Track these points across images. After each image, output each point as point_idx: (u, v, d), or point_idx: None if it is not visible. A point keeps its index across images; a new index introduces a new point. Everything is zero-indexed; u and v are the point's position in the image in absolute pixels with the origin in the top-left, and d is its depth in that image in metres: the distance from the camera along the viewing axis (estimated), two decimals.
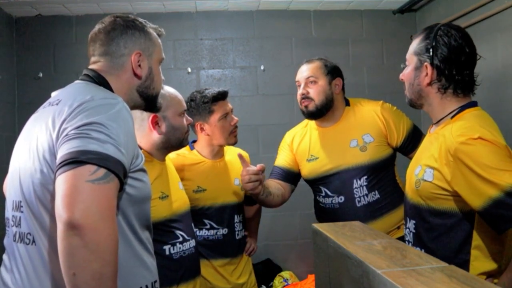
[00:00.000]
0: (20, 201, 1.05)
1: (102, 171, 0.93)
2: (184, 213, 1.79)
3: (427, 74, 1.41)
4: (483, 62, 1.52)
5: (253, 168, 1.80)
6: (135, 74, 1.22)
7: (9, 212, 1.10)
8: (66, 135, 0.97)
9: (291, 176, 2.18)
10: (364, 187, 1.97)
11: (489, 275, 1.32)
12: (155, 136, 1.72)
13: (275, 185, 2.10)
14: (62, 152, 0.95)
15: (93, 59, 1.23)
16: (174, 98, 1.76)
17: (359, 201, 1.98)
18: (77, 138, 0.95)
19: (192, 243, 1.79)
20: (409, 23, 3.55)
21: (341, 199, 2.00)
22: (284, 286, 3.19)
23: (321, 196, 2.07)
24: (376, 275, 1.03)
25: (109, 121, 0.99)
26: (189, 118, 1.82)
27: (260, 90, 3.46)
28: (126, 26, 1.22)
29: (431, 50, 1.39)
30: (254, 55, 3.46)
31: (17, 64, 3.23)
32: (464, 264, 1.32)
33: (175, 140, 1.75)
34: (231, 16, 3.44)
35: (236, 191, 2.13)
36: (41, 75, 3.23)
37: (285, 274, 3.29)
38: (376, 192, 1.98)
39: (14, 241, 1.06)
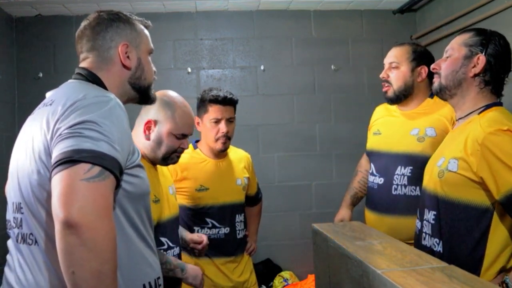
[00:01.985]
0: (20, 203, 1.06)
1: (96, 169, 0.93)
2: (172, 219, 1.74)
3: (475, 66, 1.46)
4: None
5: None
6: (124, 66, 1.21)
7: (10, 214, 1.10)
8: (60, 134, 0.97)
9: None
10: (406, 177, 1.95)
11: (502, 270, 1.34)
12: (144, 140, 1.66)
13: (358, 183, 2.28)
14: (56, 152, 0.95)
15: (82, 56, 1.23)
16: (181, 117, 1.66)
17: (395, 189, 1.96)
18: (70, 137, 0.95)
19: (176, 250, 1.74)
20: (409, 23, 3.55)
21: (380, 180, 2.02)
22: (284, 286, 3.19)
23: (369, 173, 2.14)
24: (376, 275, 1.03)
25: (101, 118, 0.99)
26: (186, 144, 1.72)
27: (260, 90, 3.46)
28: (110, 20, 1.22)
29: (486, 44, 1.45)
30: (254, 55, 3.46)
31: (17, 64, 3.23)
32: (479, 260, 1.35)
33: (158, 153, 1.66)
34: (231, 16, 3.44)
35: (238, 191, 2.14)
36: (41, 75, 3.23)
37: (285, 274, 3.29)
38: (418, 188, 1.91)
39: (17, 242, 1.07)
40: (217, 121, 2.04)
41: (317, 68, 3.46)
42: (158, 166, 1.76)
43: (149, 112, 1.64)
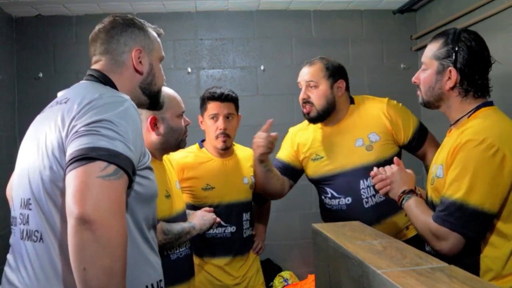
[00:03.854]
0: (29, 199, 1.06)
1: (112, 168, 0.94)
2: (181, 213, 1.79)
3: (449, 78, 1.43)
4: None
5: (272, 134, 1.95)
6: (137, 71, 1.24)
7: (16, 211, 1.10)
8: (76, 132, 0.99)
9: (290, 171, 2.16)
10: (371, 188, 1.92)
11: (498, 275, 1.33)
12: (154, 137, 1.72)
13: (276, 171, 2.10)
14: (72, 149, 0.96)
15: (94, 58, 1.25)
16: (173, 99, 1.75)
17: (366, 202, 1.94)
18: (87, 135, 0.97)
19: (188, 243, 1.79)
20: (409, 23, 3.55)
21: (348, 200, 1.97)
22: (284, 286, 3.19)
23: (327, 198, 2.04)
24: (376, 275, 1.03)
25: (118, 118, 1.01)
26: (187, 119, 1.82)
27: (260, 90, 3.46)
28: (125, 24, 1.24)
29: (454, 54, 1.41)
30: (254, 55, 3.46)
31: (17, 64, 3.23)
32: (475, 264, 1.34)
33: (173, 141, 1.76)
34: (231, 16, 3.44)
35: (244, 190, 2.14)
36: (41, 75, 3.23)
37: (285, 274, 3.29)
38: None
39: (21, 239, 1.07)
40: (215, 118, 2.06)
41: None
42: (164, 162, 1.79)
43: (143, 113, 1.68)
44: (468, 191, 1.29)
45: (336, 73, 2.04)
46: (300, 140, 2.14)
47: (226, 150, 2.12)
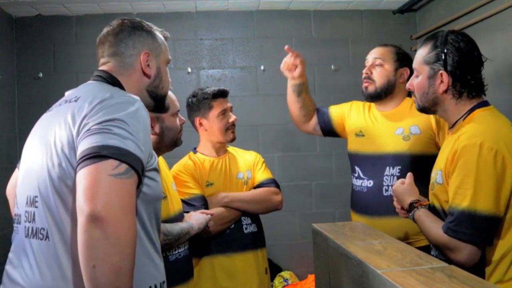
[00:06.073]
0: (36, 196, 1.06)
1: (123, 167, 0.95)
2: (178, 215, 1.78)
3: (442, 81, 1.43)
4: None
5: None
6: (145, 74, 1.25)
7: (21, 209, 1.10)
8: (88, 130, 0.99)
9: (327, 123, 2.24)
10: (395, 177, 1.92)
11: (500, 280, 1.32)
12: None
13: (310, 100, 2.26)
14: (84, 146, 0.97)
15: (102, 60, 1.26)
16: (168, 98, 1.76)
17: (386, 190, 1.93)
18: (99, 133, 0.97)
19: (186, 244, 1.79)
20: (409, 23, 3.55)
21: (370, 183, 1.99)
22: (284, 286, 3.19)
23: (354, 177, 2.09)
24: (376, 275, 1.03)
25: (129, 118, 1.02)
26: (182, 118, 1.82)
27: (260, 90, 3.45)
28: (133, 28, 1.26)
29: (443, 57, 1.41)
30: (254, 55, 3.46)
31: (17, 64, 3.23)
32: (481, 268, 1.33)
33: (168, 140, 1.76)
34: (231, 16, 3.44)
35: (239, 185, 2.14)
36: (41, 75, 3.22)
37: (285, 274, 3.29)
38: None
39: (26, 236, 1.06)
40: (225, 113, 2.10)
41: (317, 68, 3.46)
42: (159, 164, 1.79)
43: None
44: (474, 197, 1.28)
45: (403, 60, 2.05)
46: (355, 113, 2.19)
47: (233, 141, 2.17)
